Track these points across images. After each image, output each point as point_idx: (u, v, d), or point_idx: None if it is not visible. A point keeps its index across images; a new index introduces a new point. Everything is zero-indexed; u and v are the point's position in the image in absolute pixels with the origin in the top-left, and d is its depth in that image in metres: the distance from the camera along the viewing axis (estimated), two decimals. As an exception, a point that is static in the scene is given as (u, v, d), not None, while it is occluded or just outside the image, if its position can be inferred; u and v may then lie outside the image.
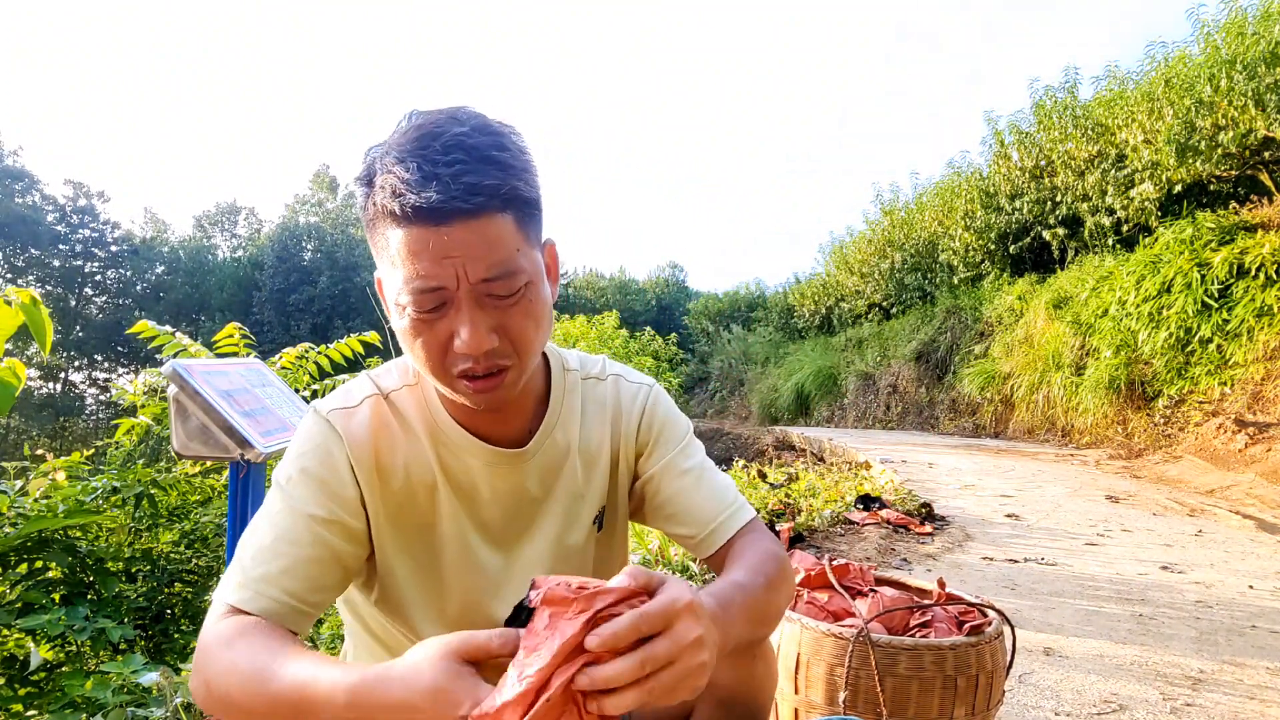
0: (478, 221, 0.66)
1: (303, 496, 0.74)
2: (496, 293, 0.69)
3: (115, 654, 1.84)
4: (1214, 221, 6.66)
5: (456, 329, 0.69)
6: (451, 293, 0.68)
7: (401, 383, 0.84)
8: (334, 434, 0.78)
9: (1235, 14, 6.82)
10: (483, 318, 0.69)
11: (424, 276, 0.67)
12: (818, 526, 3.48)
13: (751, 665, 0.82)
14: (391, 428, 0.81)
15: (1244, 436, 5.39)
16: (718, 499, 0.87)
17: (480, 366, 0.70)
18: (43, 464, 2.18)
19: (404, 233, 0.67)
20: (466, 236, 0.66)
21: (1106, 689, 1.81)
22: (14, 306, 1.33)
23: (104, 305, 29.58)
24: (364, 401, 0.81)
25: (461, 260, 0.66)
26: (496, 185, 0.66)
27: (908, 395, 11.10)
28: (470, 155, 0.66)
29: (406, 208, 0.65)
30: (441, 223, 0.65)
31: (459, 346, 0.69)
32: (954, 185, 11.49)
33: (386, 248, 0.69)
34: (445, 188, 0.64)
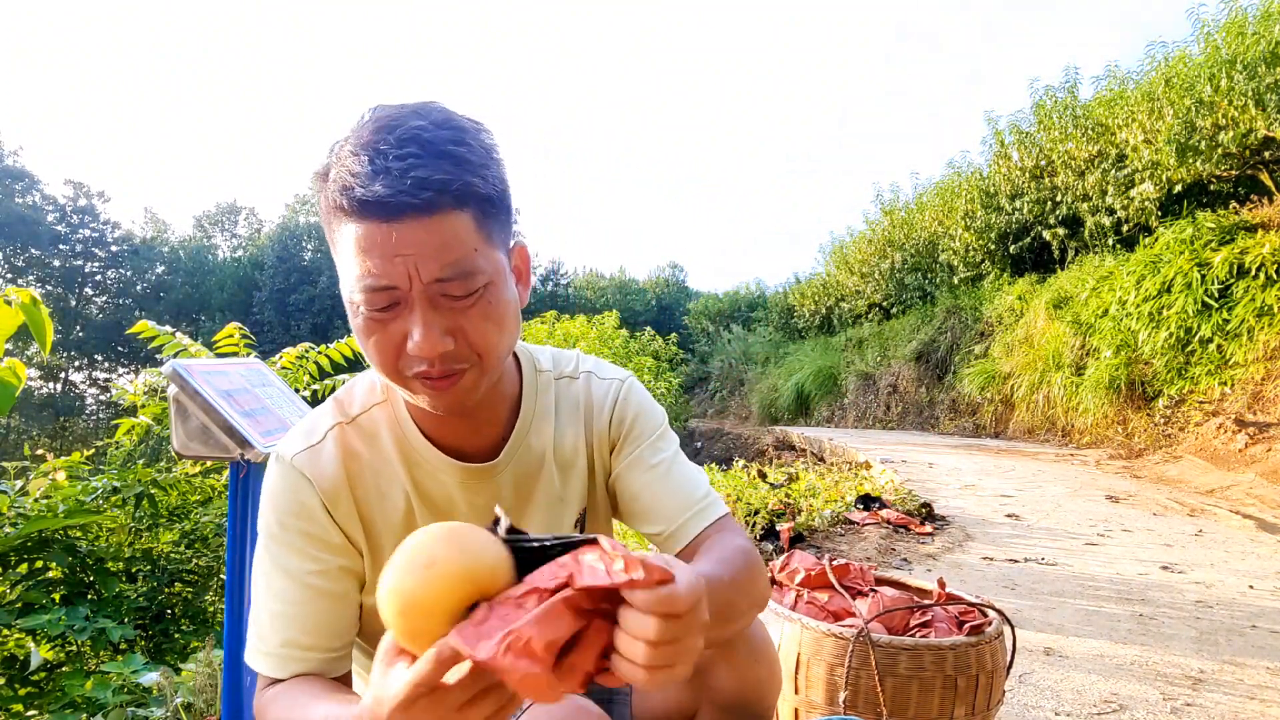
0: (430, 219, 0.63)
1: (291, 555, 0.74)
2: (452, 293, 0.66)
3: (115, 654, 1.84)
4: (1214, 221, 6.66)
5: (409, 330, 0.66)
6: (404, 292, 0.65)
7: (370, 402, 0.81)
8: (304, 481, 0.76)
9: (1235, 14, 6.82)
10: (437, 319, 0.66)
11: (374, 274, 0.64)
12: (818, 526, 3.48)
13: (755, 669, 0.80)
14: (361, 458, 0.79)
15: (1244, 436, 5.39)
16: (686, 494, 0.83)
17: (435, 369, 0.68)
18: (43, 464, 2.18)
19: (355, 228, 0.64)
20: (418, 234, 0.63)
21: (1107, 689, 1.81)
22: (14, 306, 1.33)
23: (104, 305, 29.58)
24: (327, 435, 0.79)
25: (414, 259, 0.63)
26: (448, 180, 0.63)
27: (908, 395, 11.10)
28: (425, 150, 0.63)
29: (354, 202, 0.63)
30: (391, 218, 0.62)
31: (411, 349, 0.66)
32: (954, 185, 11.49)
33: (338, 244, 0.67)
34: (394, 182, 0.62)
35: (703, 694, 0.80)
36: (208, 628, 2.11)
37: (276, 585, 0.74)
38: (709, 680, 0.80)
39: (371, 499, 0.79)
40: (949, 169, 12.03)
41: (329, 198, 0.66)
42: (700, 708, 0.83)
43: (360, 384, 0.84)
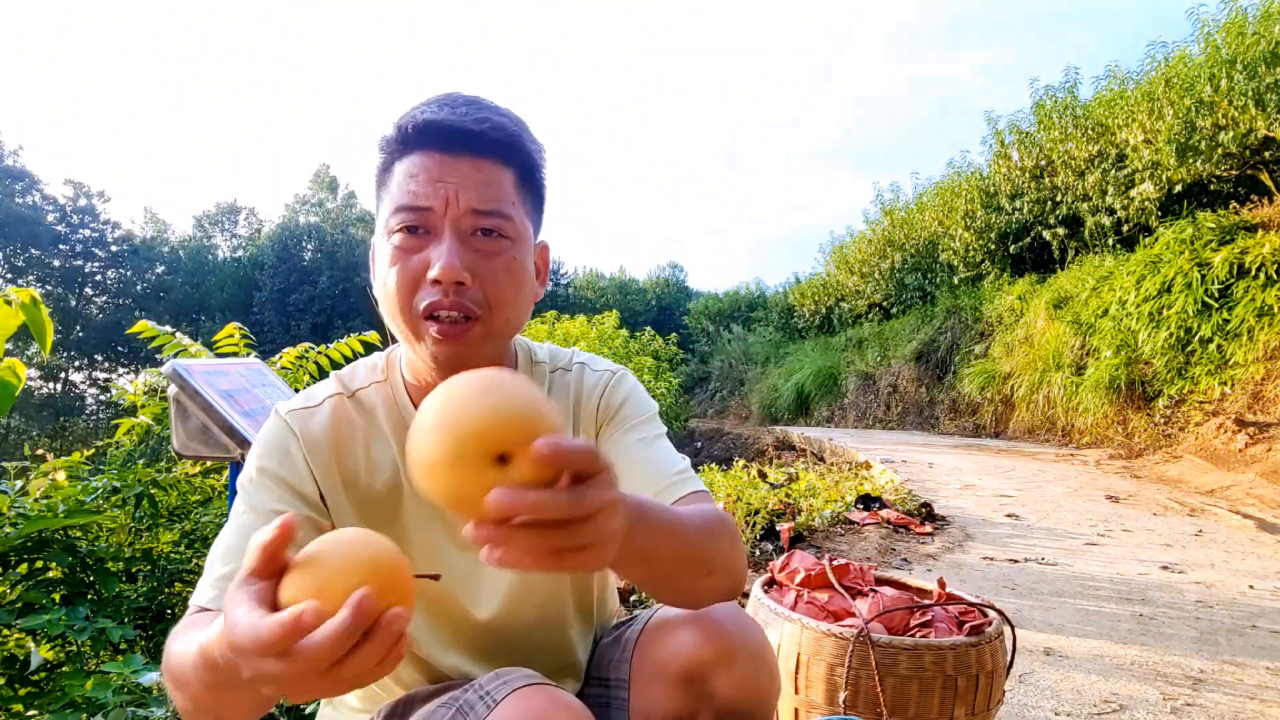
0: (480, 160, 0.69)
1: (262, 494, 0.73)
2: (483, 226, 0.69)
3: (115, 654, 1.84)
4: (1214, 221, 6.66)
5: (432, 258, 0.68)
6: (438, 218, 0.69)
7: (369, 380, 0.82)
8: (290, 433, 0.77)
9: (1235, 14, 6.82)
10: (462, 251, 0.69)
11: (415, 195, 0.68)
12: (818, 526, 3.48)
13: (755, 677, 0.79)
14: (355, 427, 0.79)
15: (1244, 436, 5.39)
16: (666, 466, 0.81)
17: (449, 302, 0.69)
18: (43, 464, 2.18)
19: (409, 159, 0.70)
20: (466, 168, 0.69)
21: (1107, 689, 1.81)
22: (14, 306, 1.33)
23: (104, 305, 29.58)
24: (325, 401, 0.80)
25: (456, 186, 0.68)
26: (504, 124, 0.70)
27: (908, 395, 11.10)
28: (488, 106, 0.72)
29: (418, 127, 0.68)
30: (446, 150, 0.68)
31: (432, 272, 0.68)
32: (954, 185, 11.50)
33: (388, 186, 0.71)
34: (459, 115, 0.69)
35: (701, 701, 0.78)
36: (208, 628, 2.11)
37: (238, 522, 0.72)
38: (708, 687, 0.78)
39: (360, 465, 0.78)
40: (949, 169, 12.05)
41: (390, 137, 0.71)
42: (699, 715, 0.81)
43: (362, 364, 0.85)
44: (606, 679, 0.89)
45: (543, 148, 0.75)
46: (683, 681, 0.79)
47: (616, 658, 0.88)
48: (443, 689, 0.79)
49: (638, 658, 0.84)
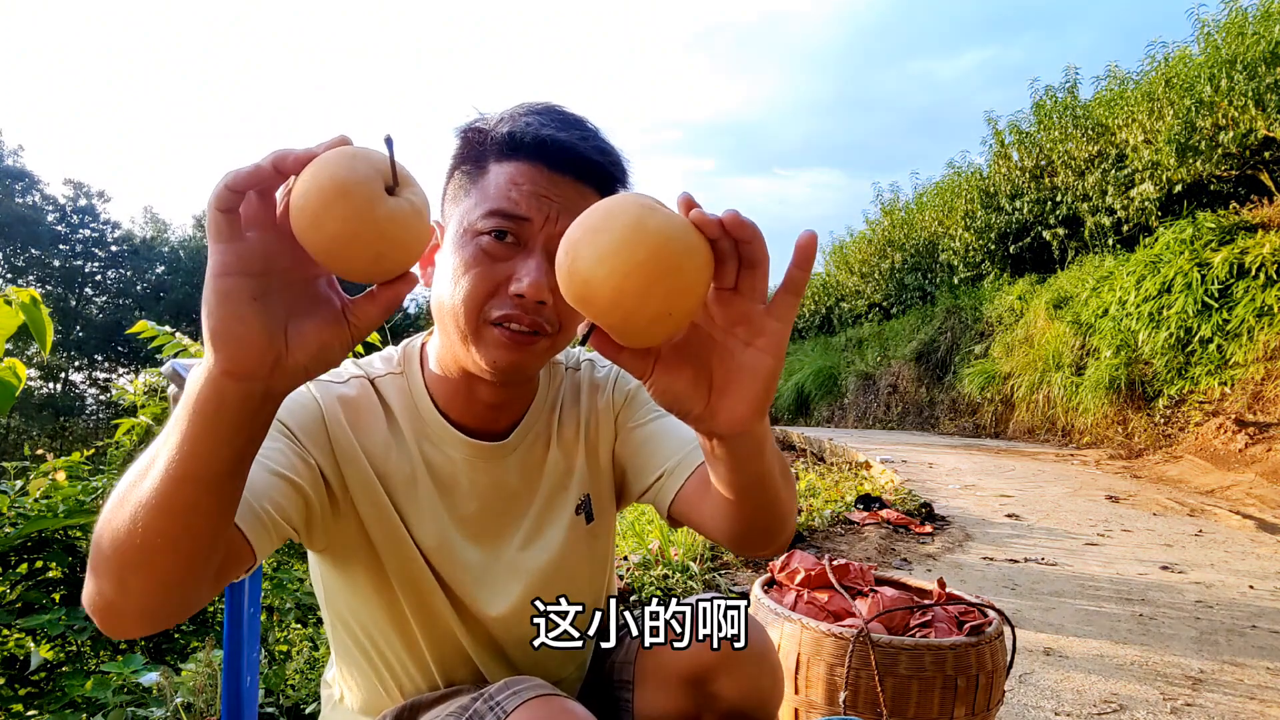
0: (583, 187, 0.70)
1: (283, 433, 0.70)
2: None
3: (115, 654, 1.83)
4: (1214, 221, 6.66)
5: (518, 272, 0.67)
6: (532, 231, 0.68)
7: (386, 370, 0.82)
8: (314, 400, 0.75)
9: (1235, 14, 6.82)
10: (548, 271, 0.67)
11: (516, 203, 0.68)
12: (818, 526, 3.48)
13: (758, 678, 0.79)
14: (375, 412, 0.78)
15: (1244, 436, 5.39)
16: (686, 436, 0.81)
17: (525, 319, 0.68)
18: (43, 464, 2.18)
19: (513, 164, 0.69)
20: (569, 190, 0.69)
21: (1107, 689, 1.81)
22: (14, 306, 1.33)
23: (104, 305, 29.58)
24: (350, 380, 0.79)
25: (558, 206, 0.68)
26: (618, 163, 0.72)
27: (908, 395, 11.10)
28: (597, 134, 0.72)
29: (535, 139, 0.68)
30: (554, 167, 0.68)
31: (516, 286, 0.67)
32: (954, 185, 11.50)
33: (478, 182, 0.70)
34: (576, 138, 0.69)
35: (705, 703, 0.79)
36: (207, 628, 2.11)
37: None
38: (710, 688, 0.78)
39: (378, 447, 0.77)
40: (949, 169, 12.05)
41: (494, 136, 0.70)
42: (702, 716, 0.82)
43: (378, 356, 0.85)
44: (611, 680, 0.89)
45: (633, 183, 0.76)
46: (686, 684, 0.78)
47: (620, 658, 0.88)
48: (448, 695, 0.78)
49: (641, 659, 0.84)
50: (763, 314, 0.49)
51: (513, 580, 0.82)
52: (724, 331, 0.50)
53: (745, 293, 0.49)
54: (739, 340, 0.50)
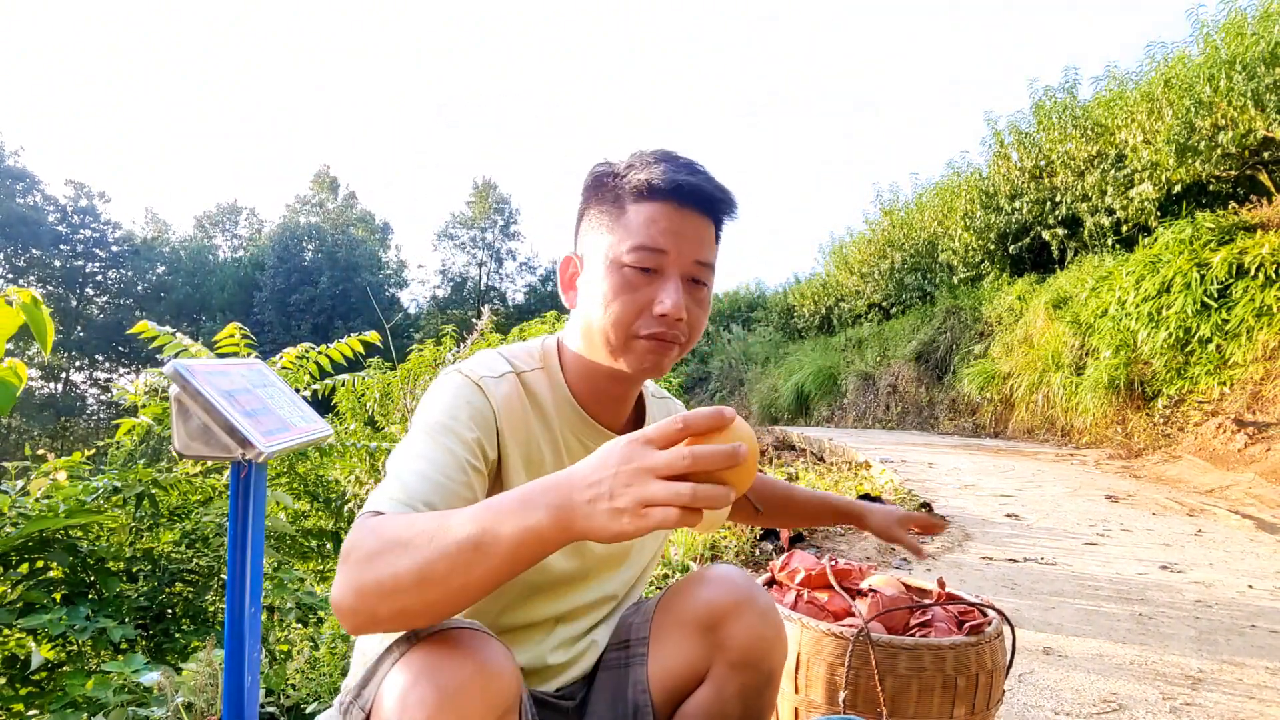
0: (705, 220, 0.85)
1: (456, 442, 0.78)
2: (697, 277, 0.85)
3: (116, 654, 1.84)
4: (1213, 221, 6.66)
5: (660, 295, 0.82)
6: (668, 262, 0.82)
7: (531, 366, 0.92)
8: (483, 397, 0.84)
9: (1235, 14, 6.82)
10: (684, 293, 0.83)
11: (655, 240, 0.81)
12: (818, 526, 3.48)
13: (763, 629, 0.90)
14: (526, 406, 0.88)
15: (1243, 436, 5.39)
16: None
17: (668, 333, 0.83)
18: (44, 464, 2.18)
19: (653, 206, 0.82)
20: (698, 225, 0.84)
21: (1106, 688, 1.81)
22: (15, 307, 1.34)
23: (105, 305, 29.59)
24: (505, 376, 0.88)
25: (690, 240, 0.83)
26: (731, 199, 0.87)
27: (907, 395, 11.10)
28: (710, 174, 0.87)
29: (671, 184, 0.81)
30: (687, 206, 0.83)
31: (660, 308, 0.81)
32: (954, 185, 11.49)
33: (619, 220, 0.83)
34: (700, 180, 0.84)
35: (715, 652, 0.89)
36: (208, 628, 2.11)
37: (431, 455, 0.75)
38: (721, 634, 0.89)
39: (533, 439, 0.88)
40: (948, 169, 12.04)
41: (631, 182, 0.83)
42: (712, 665, 0.91)
43: (521, 350, 0.94)
44: (627, 641, 0.96)
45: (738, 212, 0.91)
46: (700, 630, 0.90)
47: (638, 621, 0.97)
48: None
49: (659, 617, 0.95)
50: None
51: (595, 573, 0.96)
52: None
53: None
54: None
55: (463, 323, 5.55)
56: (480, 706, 0.62)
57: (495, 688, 0.64)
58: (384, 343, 2.87)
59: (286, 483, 2.75)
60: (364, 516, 0.69)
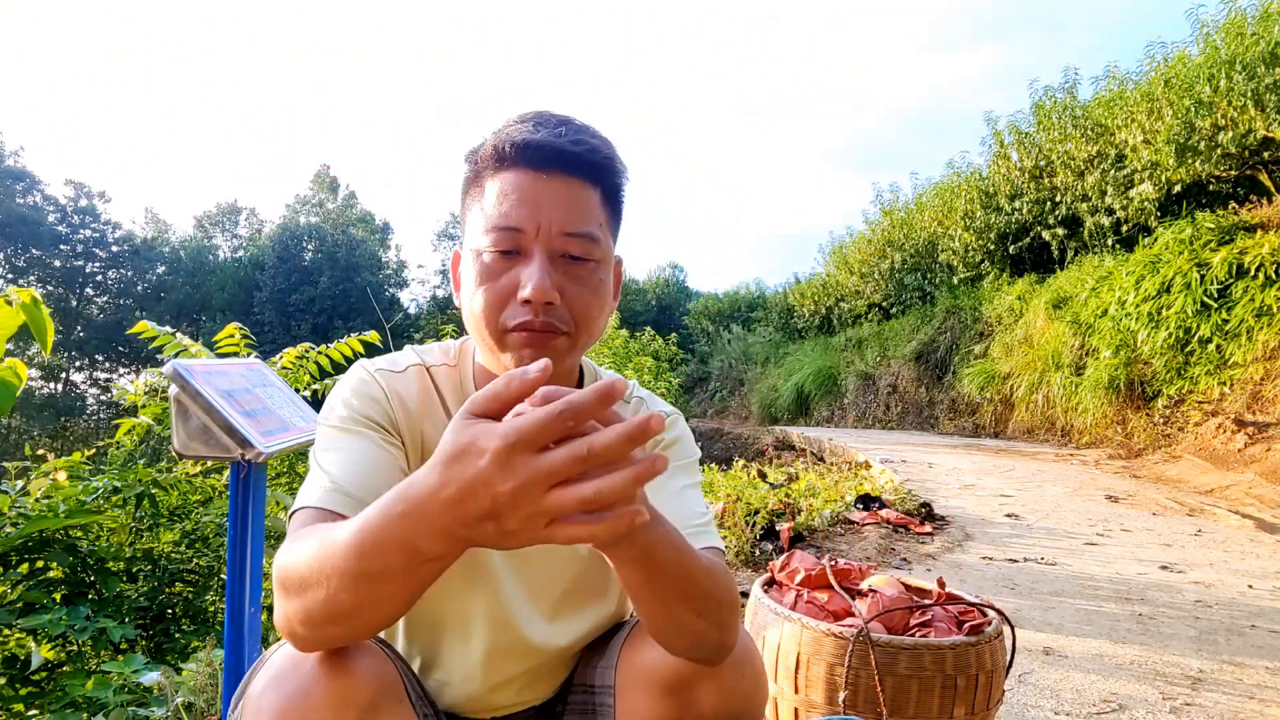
0: (569, 181, 0.72)
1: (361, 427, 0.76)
2: (570, 251, 0.72)
3: (116, 654, 1.84)
4: (1213, 221, 6.66)
5: (521, 278, 0.71)
6: (528, 239, 0.71)
7: (442, 361, 0.86)
8: (378, 385, 0.79)
9: (1234, 14, 6.82)
10: (551, 272, 0.71)
11: (508, 217, 0.71)
12: (818, 526, 3.48)
13: (740, 683, 0.77)
14: (431, 399, 0.82)
15: (1243, 436, 5.39)
16: (686, 514, 0.81)
17: (538, 322, 0.72)
18: (44, 464, 2.18)
19: (502, 176, 0.72)
20: (558, 189, 0.71)
21: (1106, 688, 1.81)
22: (15, 306, 1.34)
23: (105, 305, 29.59)
24: (409, 369, 0.83)
25: (548, 210, 0.71)
26: (596, 147, 0.73)
27: (907, 395, 11.10)
28: (580, 126, 0.74)
29: (514, 146, 0.71)
30: (542, 167, 0.71)
31: (522, 293, 0.70)
32: (954, 185, 11.49)
33: (478, 201, 0.74)
34: (555, 135, 0.71)
35: (686, 711, 0.77)
36: (208, 628, 2.11)
37: (347, 443, 0.74)
38: (691, 697, 0.76)
39: (433, 434, 0.81)
40: (948, 169, 12.04)
41: (484, 152, 0.74)
42: None
43: (436, 346, 0.89)
44: (591, 685, 0.88)
45: (627, 169, 0.78)
46: (666, 691, 0.77)
47: (602, 664, 0.87)
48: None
49: (623, 664, 0.83)
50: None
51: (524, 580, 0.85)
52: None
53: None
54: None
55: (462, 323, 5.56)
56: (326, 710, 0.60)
57: (343, 688, 0.61)
58: (384, 343, 2.87)
59: (286, 483, 2.75)
60: (295, 517, 0.69)
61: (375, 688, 0.63)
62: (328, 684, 0.61)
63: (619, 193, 0.78)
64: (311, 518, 0.67)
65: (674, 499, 0.83)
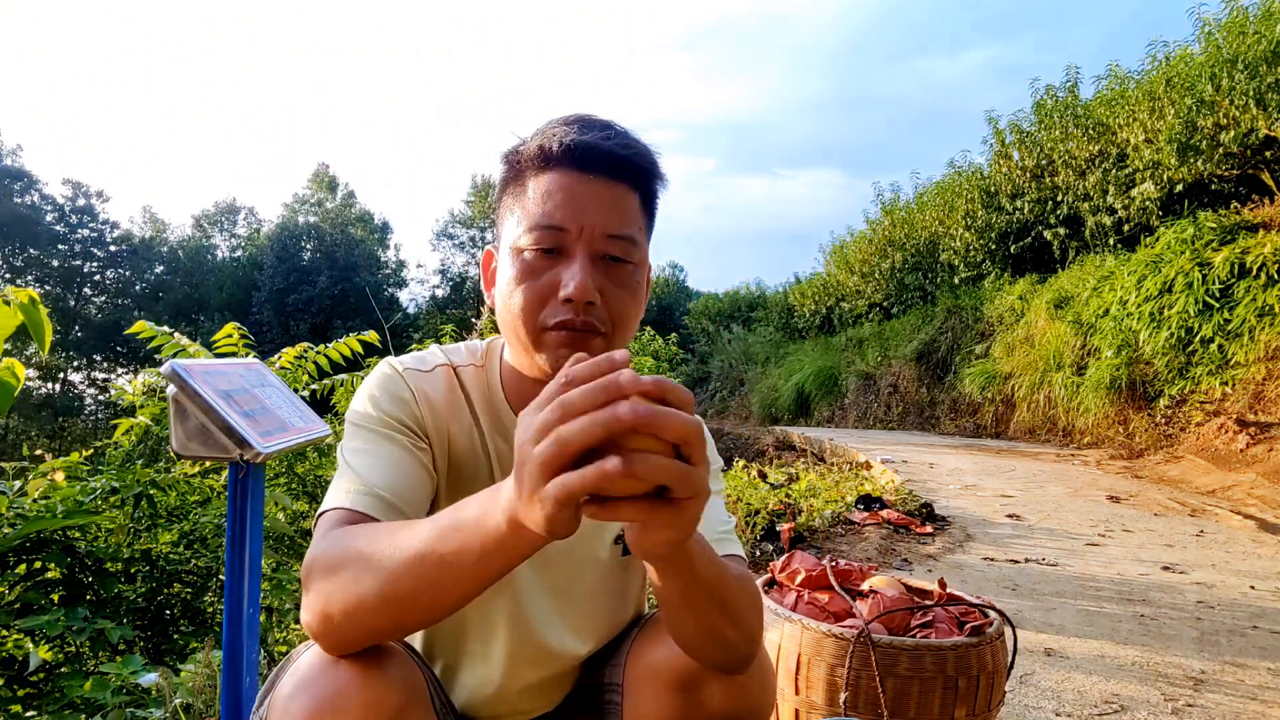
0: (618, 187, 0.73)
1: (390, 429, 0.76)
2: (612, 253, 0.73)
3: (114, 655, 1.83)
4: (1215, 221, 6.65)
5: (563, 278, 0.71)
6: (571, 239, 0.72)
7: (469, 361, 0.86)
8: (405, 385, 0.79)
9: (1236, 13, 6.81)
10: (592, 272, 0.71)
11: (551, 216, 0.71)
12: (818, 527, 3.48)
13: (748, 685, 0.78)
14: (457, 400, 0.83)
15: (1245, 436, 5.38)
16: (710, 521, 0.81)
17: (578, 321, 0.71)
18: (41, 464, 2.18)
19: (547, 176, 0.72)
20: (601, 192, 0.72)
21: (1108, 689, 1.81)
22: (12, 306, 1.33)
23: (103, 305, 29.59)
24: (437, 369, 0.83)
25: (592, 211, 0.71)
26: (645, 156, 0.74)
27: (908, 395, 11.09)
28: (629, 136, 0.75)
29: (561, 147, 0.71)
30: (587, 170, 0.71)
31: (564, 292, 0.70)
32: (955, 185, 11.49)
33: (520, 200, 0.74)
34: (603, 139, 0.72)
35: (694, 710, 0.77)
36: (207, 629, 2.10)
37: (374, 445, 0.74)
38: (700, 696, 0.77)
39: (459, 433, 0.81)
40: (949, 168, 12.04)
41: (527, 152, 0.74)
42: None
43: (464, 346, 0.89)
44: (602, 681, 0.88)
45: (666, 176, 0.79)
46: (675, 690, 0.77)
47: (611, 661, 0.88)
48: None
49: (631, 662, 0.83)
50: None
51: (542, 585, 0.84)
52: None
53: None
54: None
55: (461, 322, 5.60)
56: (358, 714, 0.60)
57: (375, 693, 0.61)
58: (383, 342, 2.86)
59: (285, 483, 2.75)
60: (324, 517, 0.69)
61: (406, 693, 0.63)
62: (360, 688, 0.60)
63: (656, 199, 0.79)
64: (343, 519, 0.67)
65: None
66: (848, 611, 1.35)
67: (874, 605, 1.34)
